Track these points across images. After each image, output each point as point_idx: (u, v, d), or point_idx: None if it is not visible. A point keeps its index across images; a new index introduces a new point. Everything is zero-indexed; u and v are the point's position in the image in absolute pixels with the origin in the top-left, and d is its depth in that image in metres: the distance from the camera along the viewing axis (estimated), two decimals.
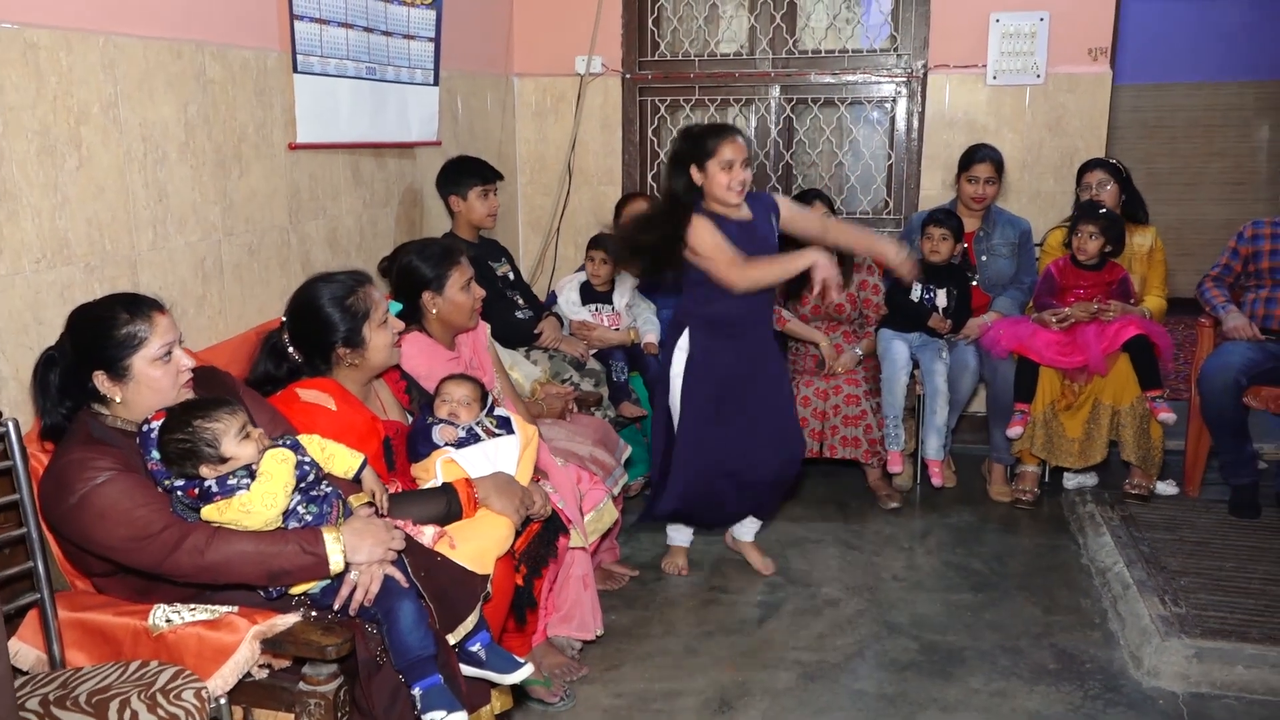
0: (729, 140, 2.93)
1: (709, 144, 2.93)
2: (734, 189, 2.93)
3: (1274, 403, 3.66)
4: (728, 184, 2.92)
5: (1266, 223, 3.87)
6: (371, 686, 1.90)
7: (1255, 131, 7.01)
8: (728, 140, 2.93)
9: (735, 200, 2.96)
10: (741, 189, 2.94)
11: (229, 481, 1.89)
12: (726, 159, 2.91)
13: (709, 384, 3.08)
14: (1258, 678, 2.67)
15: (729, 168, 2.92)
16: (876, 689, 2.71)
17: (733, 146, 2.92)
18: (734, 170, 2.92)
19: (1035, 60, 4.28)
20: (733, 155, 2.91)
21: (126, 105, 2.36)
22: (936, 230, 3.94)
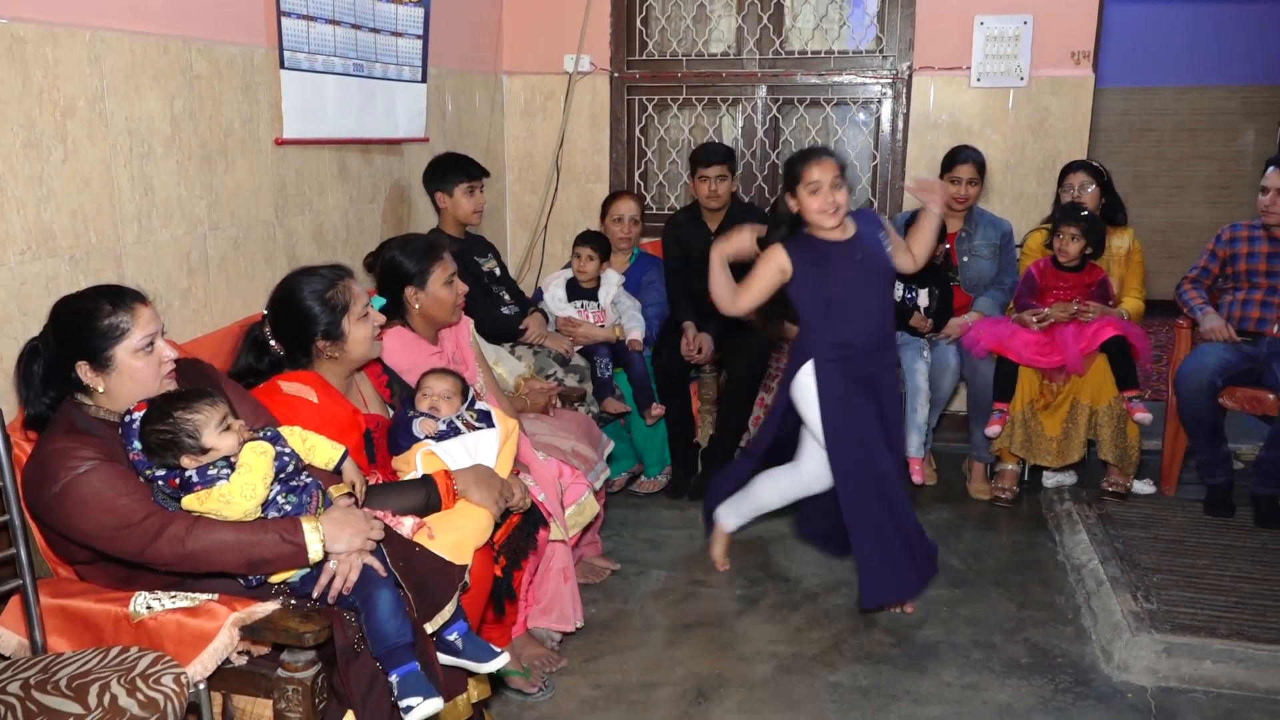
0: (814, 163, 2.87)
1: (797, 170, 2.90)
2: (826, 211, 2.87)
3: (1249, 403, 3.71)
4: (819, 207, 2.88)
5: (1244, 226, 3.92)
6: (349, 673, 1.93)
7: (1241, 135, 7.07)
8: (813, 163, 2.87)
9: (830, 222, 2.89)
10: (835, 209, 2.87)
11: (209, 472, 1.92)
12: (813, 181, 2.86)
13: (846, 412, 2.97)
14: (1225, 672, 2.72)
15: (817, 190, 2.87)
16: (851, 681, 2.75)
17: (819, 168, 2.86)
18: (822, 192, 2.86)
19: (1019, 63, 4.33)
20: (819, 177, 2.86)
21: (113, 99, 2.39)
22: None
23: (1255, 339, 3.74)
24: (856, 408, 2.95)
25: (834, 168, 2.88)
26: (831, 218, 2.88)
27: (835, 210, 2.88)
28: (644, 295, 4.22)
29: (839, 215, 2.89)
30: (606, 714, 2.59)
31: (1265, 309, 3.75)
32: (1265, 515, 3.62)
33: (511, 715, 2.56)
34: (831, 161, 2.89)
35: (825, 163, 2.87)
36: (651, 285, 4.26)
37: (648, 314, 4.15)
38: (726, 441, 4.10)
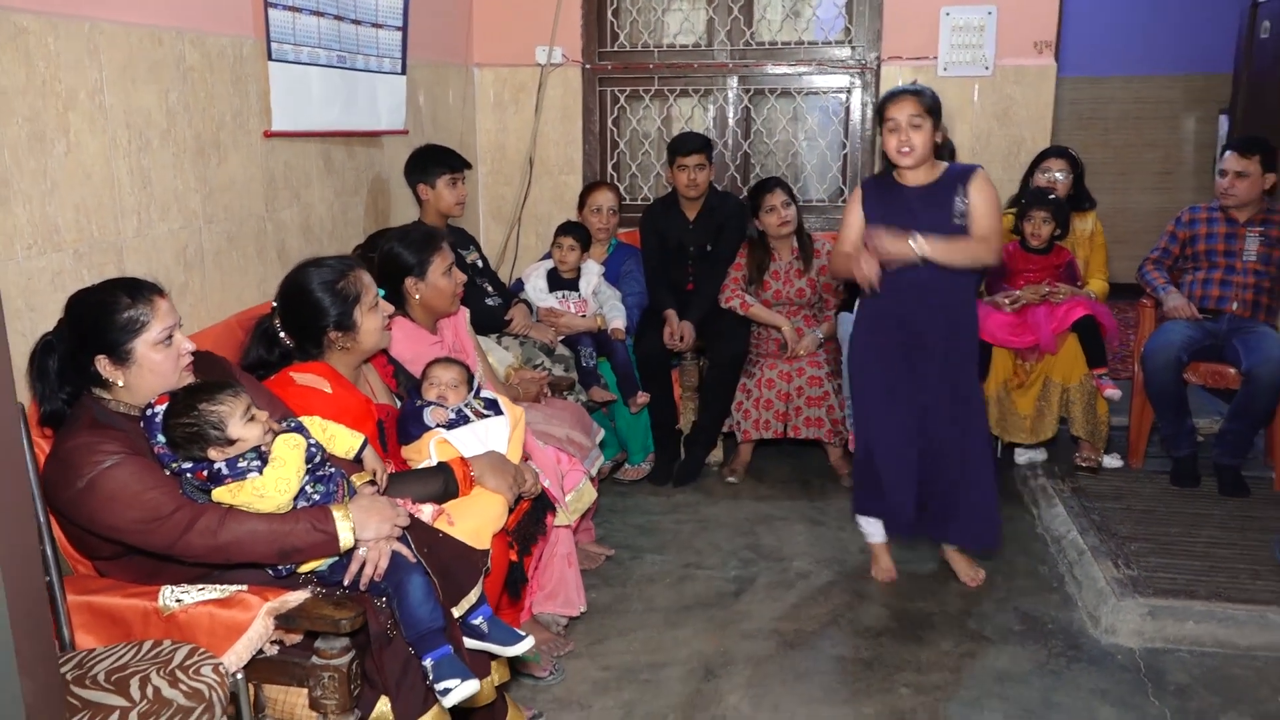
0: (895, 101, 2.83)
1: (881, 108, 2.88)
2: (899, 151, 2.84)
3: (1212, 378, 3.86)
4: (895, 146, 2.84)
5: (1203, 208, 4.07)
6: (383, 659, 1.95)
7: (1183, 123, 7.29)
8: (894, 101, 2.83)
9: (905, 162, 2.85)
10: (910, 150, 2.82)
11: (239, 464, 1.92)
12: (891, 119, 2.83)
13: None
14: (1207, 632, 2.84)
15: (895, 129, 2.83)
16: (854, 654, 2.82)
17: (897, 106, 2.81)
18: (900, 131, 2.82)
19: (984, 53, 4.44)
20: (895, 115, 2.82)
21: (111, 91, 2.36)
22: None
23: (1216, 316, 3.90)
24: (882, 352, 3.01)
25: (914, 106, 2.81)
26: (906, 158, 2.84)
27: (910, 150, 2.82)
28: (623, 285, 4.26)
29: (913, 156, 2.83)
30: (620, 694, 2.63)
31: (1225, 287, 3.90)
32: (1229, 484, 3.77)
33: (527, 699, 2.59)
34: (913, 100, 2.82)
35: (906, 100, 2.82)
36: (630, 275, 4.30)
37: (627, 303, 4.19)
38: (709, 427, 4.16)
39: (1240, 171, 3.85)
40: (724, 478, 4.17)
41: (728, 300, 4.13)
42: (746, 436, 4.12)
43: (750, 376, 4.09)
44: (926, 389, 3.01)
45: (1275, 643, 2.80)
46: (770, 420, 4.05)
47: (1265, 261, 3.88)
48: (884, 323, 3.02)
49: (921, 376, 3.00)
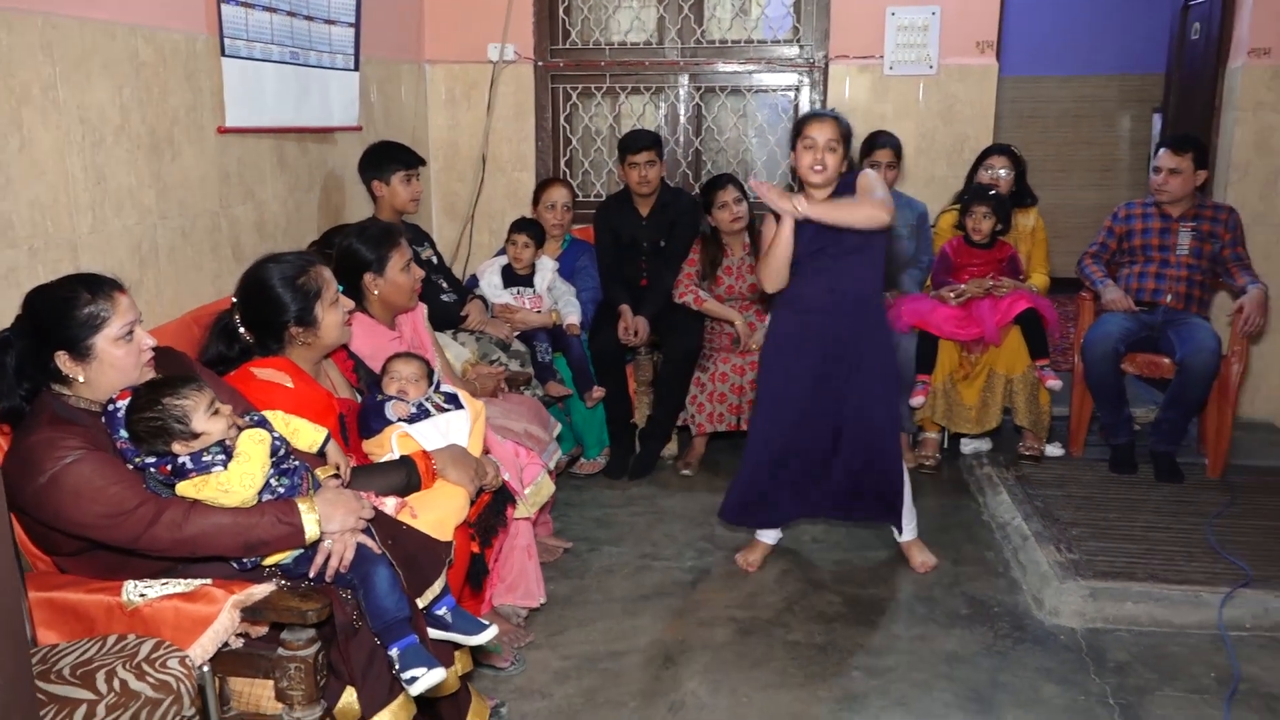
0: (814, 122, 2.97)
1: (799, 126, 3.01)
2: (813, 168, 2.96)
3: (1148, 368, 4.01)
4: (808, 163, 2.97)
5: (1138, 204, 4.21)
6: (349, 650, 1.97)
7: (1119, 121, 7.52)
8: (813, 122, 2.97)
9: (814, 179, 2.98)
10: (822, 169, 2.95)
11: (203, 458, 1.93)
12: (809, 138, 2.96)
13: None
14: (1145, 611, 2.96)
15: (811, 148, 2.95)
16: (808, 639, 2.89)
17: (817, 128, 2.95)
18: (816, 150, 2.94)
19: (928, 52, 4.55)
20: (814, 135, 2.95)
21: (65, 87, 2.35)
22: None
23: (1151, 308, 4.04)
24: (791, 356, 3.10)
25: (834, 130, 2.95)
26: (818, 175, 2.97)
27: (822, 170, 2.96)
28: (577, 280, 4.29)
29: (825, 175, 2.97)
30: (580, 682, 2.67)
31: (1159, 280, 4.04)
32: (1164, 471, 3.92)
33: (489, 689, 2.62)
34: (833, 124, 2.96)
35: (827, 124, 2.96)
36: (584, 270, 4.34)
37: (582, 299, 4.22)
38: (664, 421, 4.22)
39: (1173, 168, 3.99)
40: (679, 470, 4.23)
41: (681, 295, 4.19)
42: (701, 430, 4.18)
43: (704, 370, 4.15)
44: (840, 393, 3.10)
45: (1208, 621, 2.93)
46: (724, 413, 4.11)
47: (1198, 255, 4.03)
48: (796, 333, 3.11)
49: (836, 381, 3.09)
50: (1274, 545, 3.31)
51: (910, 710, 2.54)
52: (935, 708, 2.55)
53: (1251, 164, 4.51)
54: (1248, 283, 3.94)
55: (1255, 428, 4.66)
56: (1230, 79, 4.57)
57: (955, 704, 2.57)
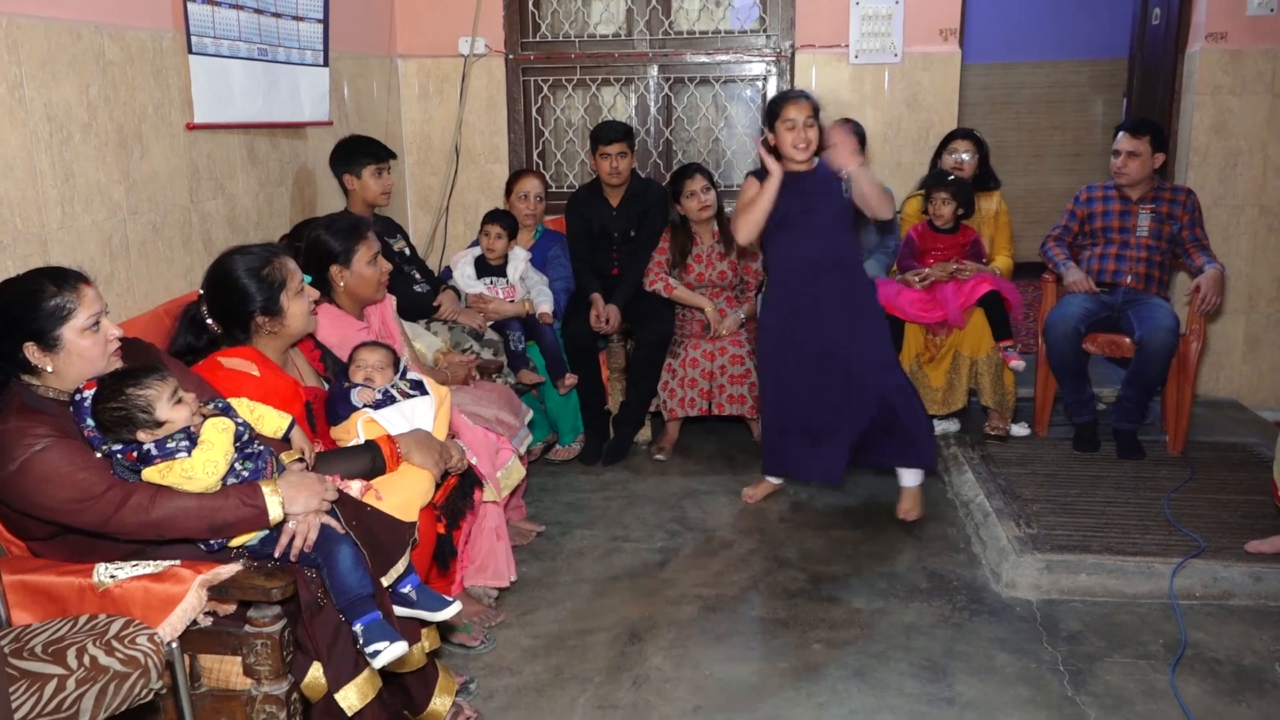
0: (792, 102, 3.27)
1: (776, 108, 3.31)
2: (798, 145, 3.26)
3: (1108, 347, 4.09)
4: (792, 142, 3.26)
5: (1099, 187, 4.29)
6: (314, 626, 2.04)
7: (1091, 107, 7.59)
8: (791, 103, 3.27)
9: (800, 156, 3.29)
10: (806, 145, 3.27)
11: (168, 445, 1.99)
12: (790, 119, 3.25)
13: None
14: (1098, 583, 3.05)
15: (792, 127, 3.26)
16: (771, 614, 2.97)
17: (795, 108, 3.25)
18: (797, 129, 3.25)
19: (893, 40, 4.62)
20: (795, 115, 3.25)
21: (31, 86, 2.40)
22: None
23: (1112, 289, 4.12)
24: (787, 316, 3.42)
25: (809, 109, 3.27)
26: (803, 152, 3.28)
27: (806, 145, 3.28)
28: (550, 270, 4.36)
29: (808, 150, 3.29)
30: (548, 660, 2.75)
31: (1120, 261, 4.13)
32: (1125, 448, 4.01)
33: (459, 667, 2.69)
34: (807, 102, 3.28)
35: (804, 103, 3.27)
36: (556, 260, 4.40)
37: (554, 288, 4.29)
38: (637, 407, 4.29)
39: (1131, 151, 4.07)
40: (652, 455, 4.30)
41: (652, 283, 4.26)
42: (673, 415, 4.26)
43: (675, 357, 4.22)
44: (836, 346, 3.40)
45: (1159, 590, 3.02)
46: (695, 399, 4.19)
47: (1156, 237, 4.11)
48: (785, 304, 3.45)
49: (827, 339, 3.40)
50: (1228, 517, 3.40)
51: (865, 680, 2.62)
52: (890, 677, 2.63)
53: (1210, 146, 4.60)
54: (1205, 263, 4.02)
55: (1219, 405, 4.76)
56: (1189, 63, 4.65)
57: (910, 673, 2.65)
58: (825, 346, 3.40)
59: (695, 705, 2.53)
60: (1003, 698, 2.54)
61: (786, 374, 3.48)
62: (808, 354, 3.42)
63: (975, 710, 2.49)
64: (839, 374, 3.41)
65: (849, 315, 3.42)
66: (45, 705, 1.65)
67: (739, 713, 2.50)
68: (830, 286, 3.40)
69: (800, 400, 3.46)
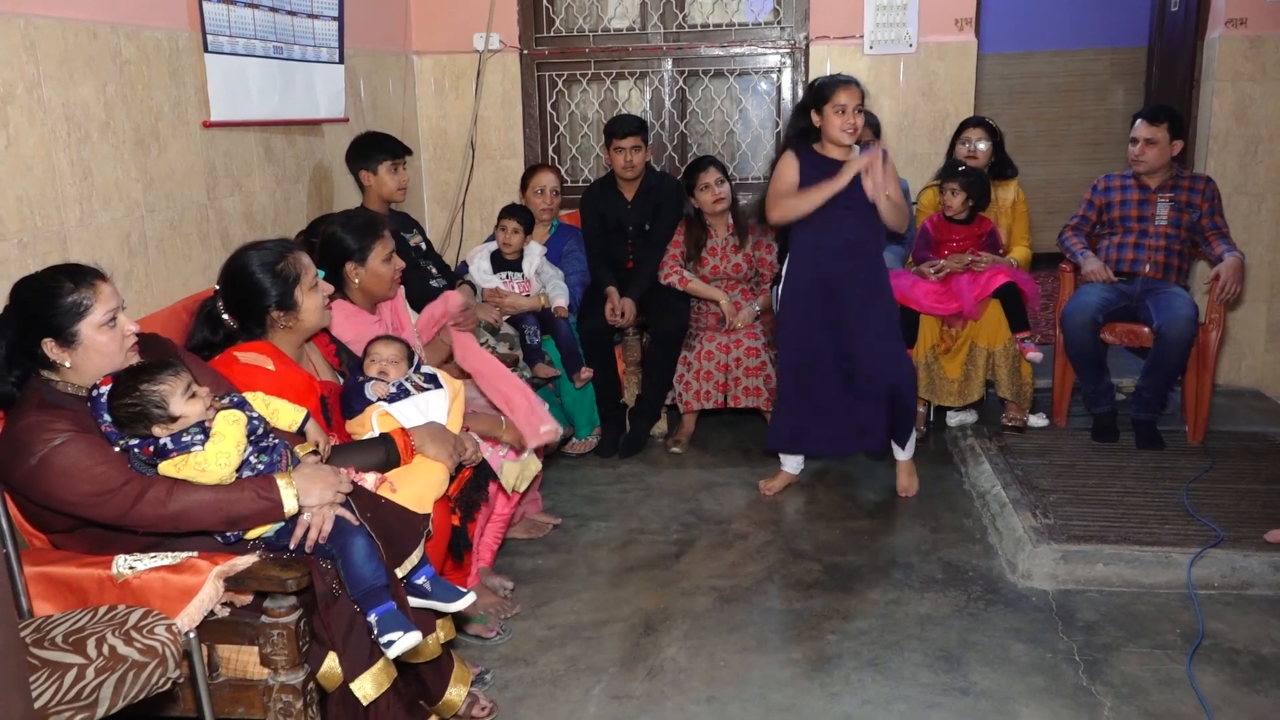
0: (844, 87, 3.30)
1: (827, 91, 3.33)
2: (847, 130, 3.32)
3: (1127, 337, 4.07)
4: (841, 126, 3.31)
5: (1117, 176, 4.26)
6: (329, 617, 2.07)
7: (1111, 95, 7.53)
8: (843, 87, 3.30)
9: (847, 140, 3.35)
10: (854, 130, 3.32)
11: (183, 439, 2.02)
12: (841, 104, 3.30)
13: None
14: (1114, 573, 3.04)
15: (842, 111, 3.30)
16: (785, 605, 2.98)
17: (847, 93, 3.30)
18: (847, 114, 3.30)
19: (908, 30, 4.60)
20: (846, 100, 3.29)
21: (49, 86, 2.44)
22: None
23: (1130, 279, 4.09)
24: (809, 298, 3.49)
25: (859, 95, 3.32)
26: (850, 137, 3.34)
27: (853, 131, 3.33)
28: (565, 264, 4.38)
29: (855, 136, 3.35)
30: (563, 650, 2.77)
31: (1138, 251, 4.09)
32: (1144, 438, 3.98)
33: (475, 658, 2.71)
34: (858, 89, 3.32)
35: (853, 89, 3.31)
36: (572, 254, 4.42)
37: (570, 282, 4.30)
38: (652, 400, 4.30)
39: (1149, 139, 4.03)
40: (669, 448, 4.31)
41: (666, 276, 4.27)
42: (689, 408, 4.26)
43: (690, 350, 4.23)
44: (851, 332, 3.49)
45: (1176, 580, 3.00)
46: (711, 391, 4.19)
47: (1176, 225, 4.07)
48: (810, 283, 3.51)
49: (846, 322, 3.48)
50: (1247, 507, 3.38)
51: (880, 670, 2.63)
52: (905, 667, 2.63)
53: (1230, 133, 4.55)
54: (1225, 251, 3.98)
55: (1240, 395, 4.72)
56: (1208, 49, 4.60)
57: (924, 663, 2.65)
58: (844, 327, 3.48)
59: (709, 696, 2.54)
60: (1017, 687, 2.54)
61: (807, 349, 3.54)
62: (828, 332, 3.49)
63: (989, 700, 2.49)
64: (853, 355, 3.50)
65: (868, 301, 3.50)
66: (65, 694, 1.68)
67: (753, 703, 2.51)
68: (855, 270, 3.48)
69: (816, 375, 3.54)
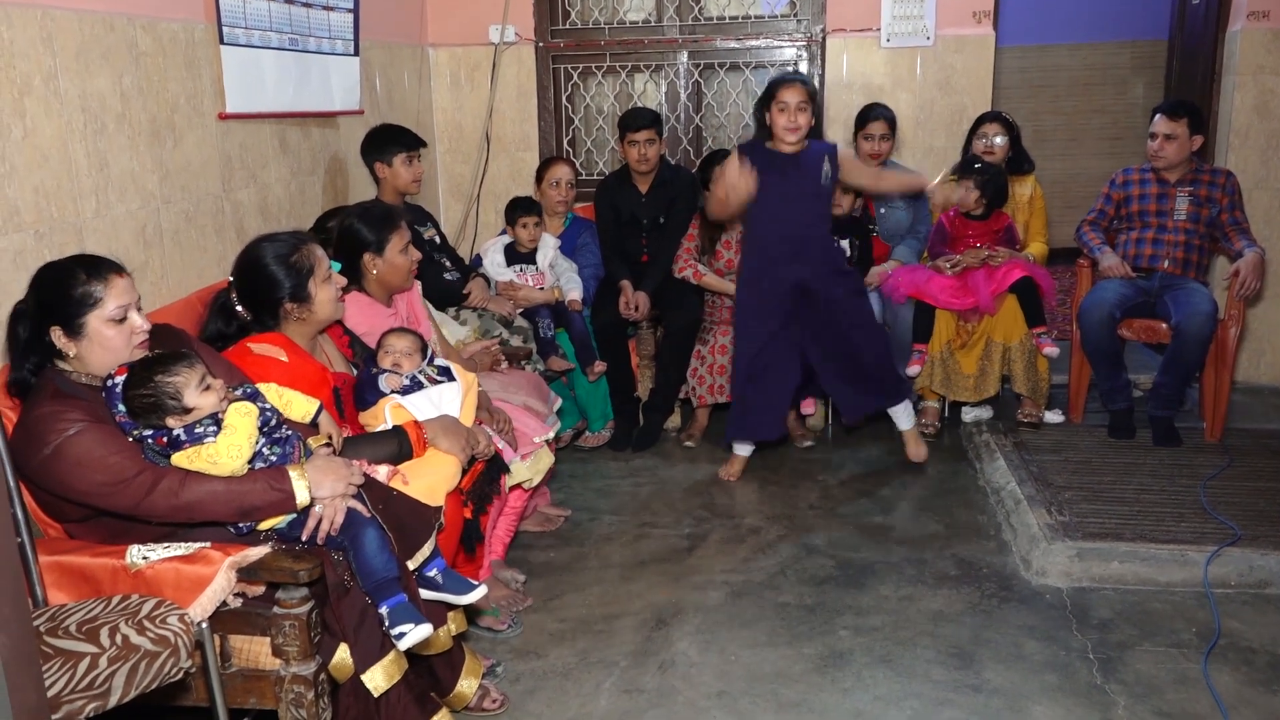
0: (786, 86, 3.38)
1: (772, 89, 3.42)
2: (789, 128, 3.38)
3: (1145, 333, 4.03)
4: (784, 124, 3.38)
5: (1135, 170, 4.23)
6: (341, 608, 2.07)
7: (1131, 89, 7.46)
8: (785, 86, 3.38)
9: (790, 138, 3.41)
10: (796, 129, 3.38)
11: (196, 430, 2.03)
12: (783, 101, 3.37)
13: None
14: (1130, 570, 3.01)
15: (784, 110, 3.37)
16: (798, 600, 2.97)
17: (789, 91, 3.36)
18: (789, 112, 3.37)
19: (925, 23, 4.57)
20: (788, 99, 3.36)
21: (66, 77, 2.45)
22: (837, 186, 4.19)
23: (1149, 274, 4.06)
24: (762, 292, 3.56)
25: (803, 93, 3.38)
26: (792, 134, 3.39)
27: (797, 129, 3.38)
28: (579, 257, 4.37)
29: (799, 134, 3.39)
30: (574, 644, 2.77)
31: (1157, 246, 4.06)
32: (1162, 435, 3.95)
33: (486, 650, 2.72)
34: (803, 88, 3.39)
35: (797, 88, 3.38)
36: (586, 247, 4.41)
37: (584, 275, 4.30)
38: (666, 394, 4.29)
39: (1168, 134, 4.00)
40: (682, 442, 4.31)
41: (681, 270, 4.26)
42: (702, 402, 4.25)
43: (704, 344, 4.21)
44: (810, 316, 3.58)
45: (1192, 579, 2.97)
46: (724, 385, 4.18)
47: (1195, 220, 4.04)
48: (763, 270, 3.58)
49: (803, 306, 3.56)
50: (1266, 505, 3.35)
51: (892, 666, 2.62)
52: (917, 664, 2.62)
53: (1252, 128, 4.50)
54: (1245, 246, 3.94)
55: (1260, 392, 4.67)
56: (1230, 43, 4.55)
57: (937, 660, 2.64)
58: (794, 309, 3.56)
59: (720, 690, 2.54)
60: (1030, 685, 2.52)
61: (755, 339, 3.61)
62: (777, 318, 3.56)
63: (1002, 697, 2.48)
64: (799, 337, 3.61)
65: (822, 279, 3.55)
66: (78, 682, 1.69)
67: (764, 698, 2.50)
68: (802, 259, 3.53)
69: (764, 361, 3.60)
